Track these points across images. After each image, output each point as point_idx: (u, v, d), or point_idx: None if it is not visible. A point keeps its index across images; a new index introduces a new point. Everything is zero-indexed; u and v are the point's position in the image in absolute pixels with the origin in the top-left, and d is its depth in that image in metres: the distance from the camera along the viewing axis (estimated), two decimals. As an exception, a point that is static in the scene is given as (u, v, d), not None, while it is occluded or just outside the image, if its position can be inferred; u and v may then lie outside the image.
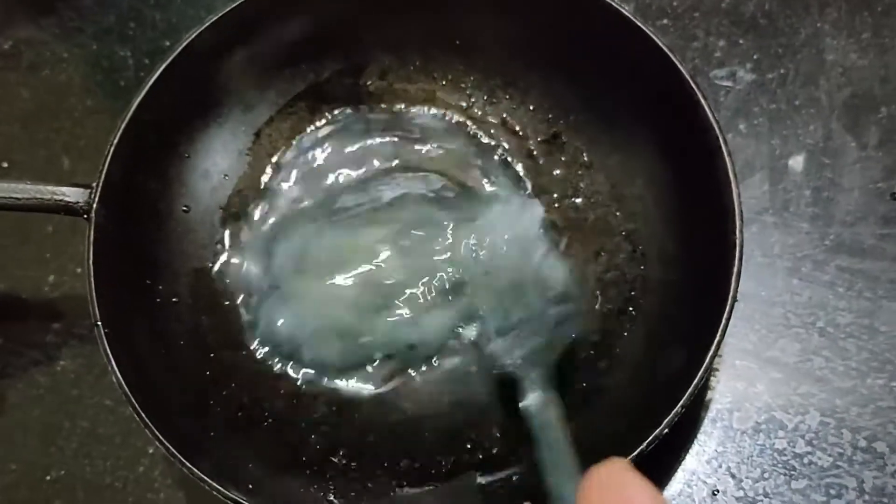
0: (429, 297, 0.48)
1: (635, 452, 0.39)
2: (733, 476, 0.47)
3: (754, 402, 0.49)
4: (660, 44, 0.47)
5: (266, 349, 0.49)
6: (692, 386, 0.39)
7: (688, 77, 0.45)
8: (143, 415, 0.41)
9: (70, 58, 0.62)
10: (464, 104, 0.56)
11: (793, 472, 0.47)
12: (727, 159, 0.43)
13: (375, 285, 0.48)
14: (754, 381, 0.49)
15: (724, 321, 0.40)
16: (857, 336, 0.50)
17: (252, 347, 0.50)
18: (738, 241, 0.41)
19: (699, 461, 0.48)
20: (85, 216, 0.46)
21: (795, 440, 0.48)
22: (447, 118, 0.55)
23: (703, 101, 0.44)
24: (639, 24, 0.47)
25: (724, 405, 0.49)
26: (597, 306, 0.49)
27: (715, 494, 0.47)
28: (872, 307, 0.50)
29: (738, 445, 0.48)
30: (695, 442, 0.48)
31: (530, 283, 0.48)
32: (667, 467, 0.48)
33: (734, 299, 0.40)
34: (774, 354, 0.50)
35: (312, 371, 0.49)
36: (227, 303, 0.51)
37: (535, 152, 0.54)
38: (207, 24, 0.50)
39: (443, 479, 0.46)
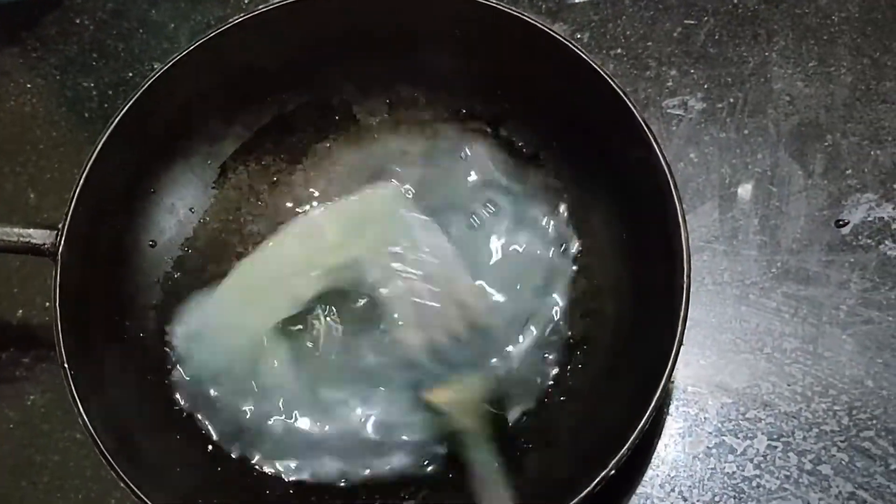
0: None
1: (594, 482, 0.40)
2: (685, 499, 0.49)
3: (705, 427, 0.51)
4: (615, 86, 0.48)
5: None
6: (641, 423, 0.41)
7: (641, 120, 0.47)
8: (111, 459, 0.42)
9: (34, 88, 0.62)
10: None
11: (742, 495, 0.49)
12: (678, 204, 0.44)
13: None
14: (705, 406, 0.51)
15: (671, 360, 0.41)
16: (801, 362, 0.52)
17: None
18: (685, 286, 0.42)
19: (653, 485, 0.50)
20: (51, 257, 0.47)
21: (744, 464, 0.50)
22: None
23: (655, 144, 0.46)
24: (596, 66, 0.48)
25: (676, 430, 0.51)
26: (554, 339, 0.51)
27: (668, 517, 0.49)
28: (816, 333, 0.52)
29: (689, 469, 0.50)
30: (649, 467, 0.50)
31: None
32: (623, 492, 0.50)
33: (681, 343, 0.42)
34: (724, 380, 0.52)
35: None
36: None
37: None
38: (172, 62, 0.51)
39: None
